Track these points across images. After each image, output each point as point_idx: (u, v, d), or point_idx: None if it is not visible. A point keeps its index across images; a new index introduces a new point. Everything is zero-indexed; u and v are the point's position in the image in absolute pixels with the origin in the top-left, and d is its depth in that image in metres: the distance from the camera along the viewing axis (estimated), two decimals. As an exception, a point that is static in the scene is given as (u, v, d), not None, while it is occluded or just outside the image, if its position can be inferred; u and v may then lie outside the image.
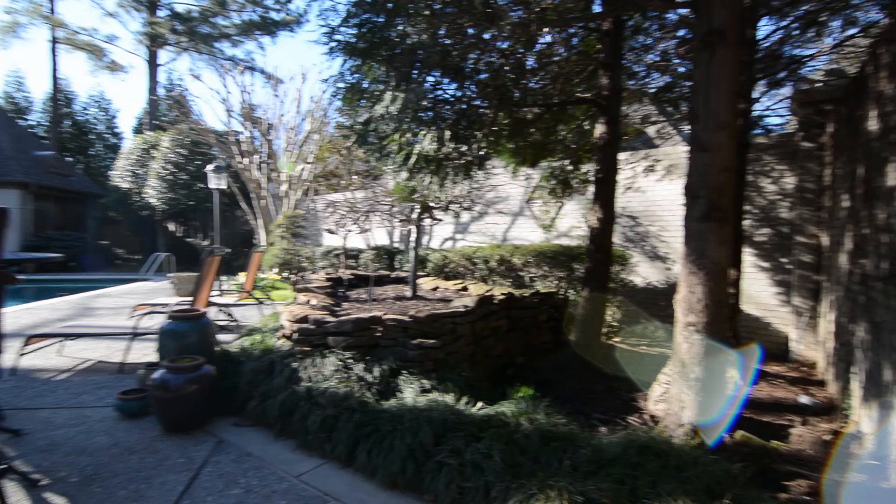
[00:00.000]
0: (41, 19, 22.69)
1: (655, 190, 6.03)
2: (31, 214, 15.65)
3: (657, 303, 5.75)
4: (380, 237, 10.78)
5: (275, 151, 14.23)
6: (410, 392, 2.82)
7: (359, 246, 10.26)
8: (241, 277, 9.81)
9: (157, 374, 2.72)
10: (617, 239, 6.10)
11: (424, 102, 3.39)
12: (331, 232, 9.41)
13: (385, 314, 3.35)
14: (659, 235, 6.03)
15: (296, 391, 2.85)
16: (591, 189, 4.68)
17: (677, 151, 5.90)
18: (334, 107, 14.02)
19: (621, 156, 5.24)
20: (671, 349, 2.77)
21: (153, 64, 24.72)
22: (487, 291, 4.39)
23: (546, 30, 4.04)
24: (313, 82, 17.09)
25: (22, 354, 3.84)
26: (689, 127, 3.10)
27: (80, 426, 2.79)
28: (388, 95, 3.23)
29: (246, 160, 13.82)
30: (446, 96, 3.61)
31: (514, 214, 7.82)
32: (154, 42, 24.19)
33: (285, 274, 11.00)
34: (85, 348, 4.55)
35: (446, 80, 3.55)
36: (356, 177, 14.00)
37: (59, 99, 23.67)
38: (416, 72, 3.31)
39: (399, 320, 3.22)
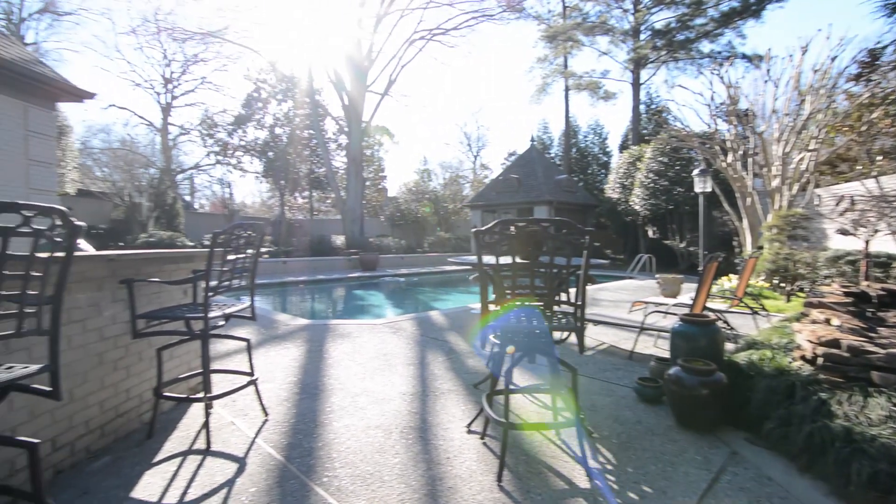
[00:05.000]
0: (559, 75, 29.50)
1: None
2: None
3: None
4: (938, 239, 7.56)
5: (765, 142, 12.62)
6: None
7: (889, 251, 7.60)
8: (726, 282, 9.31)
9: (672, 371, 2.99)
10: None
11: None
12: (844, 233, 7.41)
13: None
14: None
15: (829, 427, 2.43)
16: None
17: None
18: (848, 73, 10.99)
19: None
20: None
21: (636, 85, 27.33)
22: None
23: None
24: (817, 51, 13.92)
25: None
26: None
27: (609, 398, 3.47)
28: None
29: (729, 157, 12.98)
30: None
31: None
32: (637, 65, 26.73)
33: (775, 281, 9.58)
34: (600, 333, 5.60)
35: None
36: (881, 158, 10.44)
37: (569, 133, 30.17)
38: None
39: None
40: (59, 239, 1.53)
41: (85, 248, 4.33)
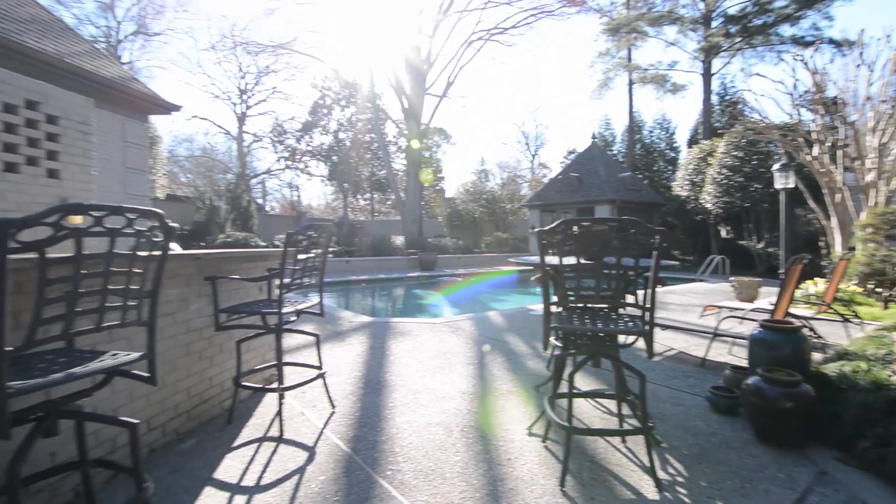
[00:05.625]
0: (622, 69, 28.41)
1: None
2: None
3: None
4: None
5: (858, 132, 11.43)
6: None
7: None
8: (811, 287, 8.53)
9: (751, 380, 2.79)
10: None
11: None
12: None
13: None
14: None
15: (940, 449, 2.17)
16: None
17: None
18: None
19: None
20: None
21: (707, 75, 25.72)
22: None
23: None
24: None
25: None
26: None
27: (678, 406, 3.29)
28: None
29: (815, 150, 11.89)
30: None
31: None
32: (708, 54, 25.14)
33: (870, 286, 8.63)
34: (667, 338, 5.33)
35: None
36: None
37: (633, 129, 28.96)
38: None
39: None
40: (156, 239, 1.68)
41: (173, 247, 4.74)
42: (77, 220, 1.43)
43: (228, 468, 2.41)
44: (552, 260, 2.31)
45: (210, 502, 2.11)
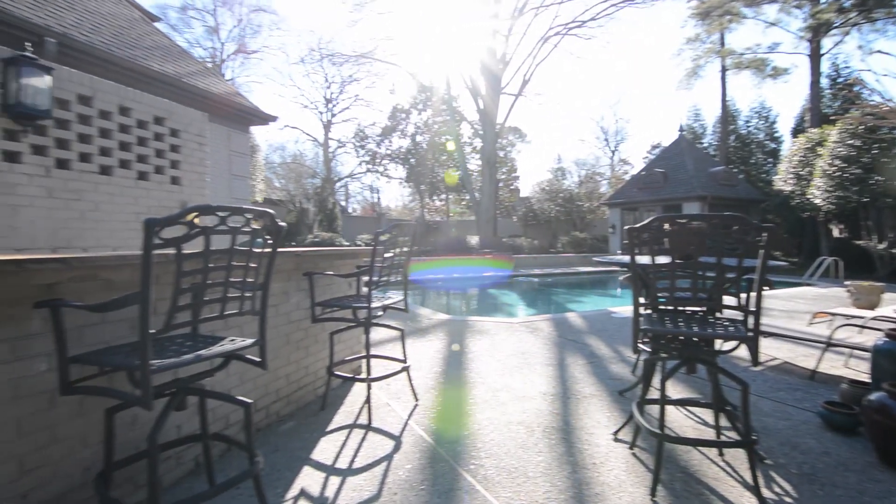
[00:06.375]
0: (714, 55, 26.35)
1: None
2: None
3: None
4: None
5: None
6: None
7: None
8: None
9: (875, 396, 2.49)
10: None
11: None
12: None
13: None
14: None
15: None
16: None
17: None
18: None
19: None
20: None
21: (815, 57, 23.05)
22: None
23: None
24: None
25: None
26: None
27: (785, 421, 3.01)
28: None
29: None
30: None
31: None
32: (816, 32, 22.49)
33: None
34: (769, 346, 4.88)
35: None
36: None
37: (727, 119, 26.72)
38: None
39: None
40: (268, 237, 1.86)
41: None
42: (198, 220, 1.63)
43: (323, 450, 2.59)
44: (643, 259, 2.22)
45: (308, 480, 2.29)
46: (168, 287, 1.67)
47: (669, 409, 3.11)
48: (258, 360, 1.96)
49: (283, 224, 1.87)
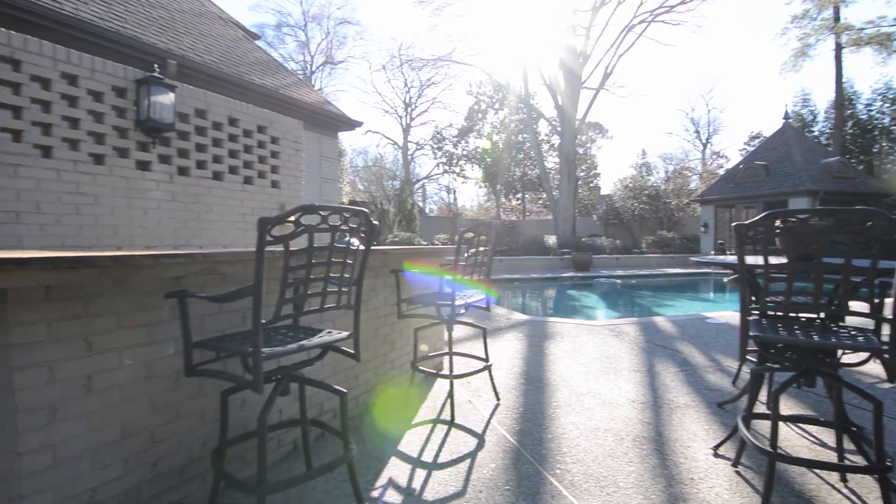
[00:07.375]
0: (826, 32, 23.50)
1: None
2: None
3: None
4: None
5: None
6: None
7: None
8: None
9: None
10: None
11: None
12: None
13: None
14: None
15: None
16: None
17: None
18: None
19: None
20: None
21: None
22: None
23: None
24: None
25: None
26: None
27: (927, 448, 2.60)
28: None
29: None
30: None
31: None
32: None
33: None
34: None
35: None
36: None
37: (842, 103, 23.67)
38: None
39: None
40: (363, 234, 1.95)
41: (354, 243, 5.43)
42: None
43: (409, 443, 2.67)
44: (752, 260, 2.03)
45: (395, 471, 2.37)
46: (274, 282, 1.81)
47: (780, 426, 2.82)
48: (352, 352, 2.06)
49: (375, 223, 1.95)
